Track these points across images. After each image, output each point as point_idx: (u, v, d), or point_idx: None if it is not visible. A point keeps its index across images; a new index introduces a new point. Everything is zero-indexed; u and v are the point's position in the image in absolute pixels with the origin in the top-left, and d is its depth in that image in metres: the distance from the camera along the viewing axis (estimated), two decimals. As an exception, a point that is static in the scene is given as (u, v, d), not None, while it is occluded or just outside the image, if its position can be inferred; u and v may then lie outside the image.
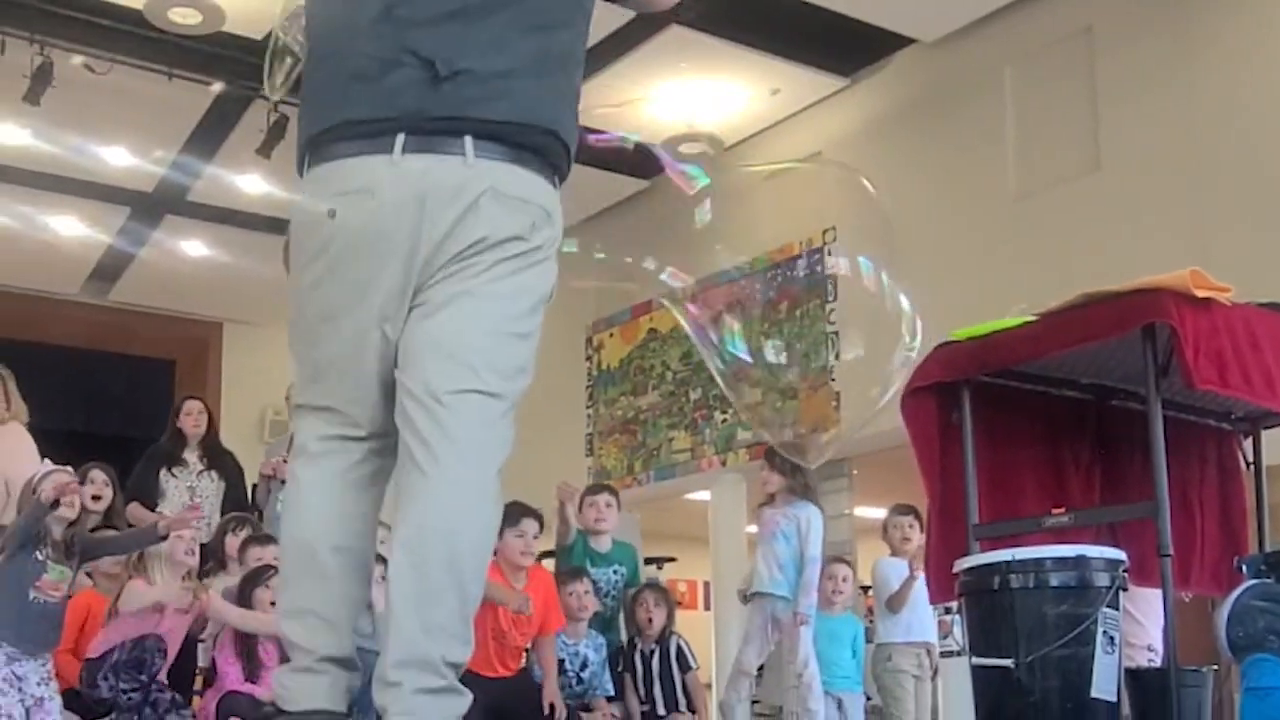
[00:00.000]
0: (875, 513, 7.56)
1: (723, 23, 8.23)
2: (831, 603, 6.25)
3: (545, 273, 2.52)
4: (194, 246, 10.65)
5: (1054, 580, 3.56)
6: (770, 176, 3.98)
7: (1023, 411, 4.41)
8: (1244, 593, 3.66)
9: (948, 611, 6.44)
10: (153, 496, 6.56)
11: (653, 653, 5.96)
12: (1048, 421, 4.48)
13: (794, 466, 5.80)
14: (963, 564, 3.83)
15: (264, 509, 6.66)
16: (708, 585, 12.13)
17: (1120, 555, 3.65)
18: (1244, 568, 3.84)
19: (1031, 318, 4.06)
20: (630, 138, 3.89)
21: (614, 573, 6.06)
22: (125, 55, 8.03)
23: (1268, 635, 3.57)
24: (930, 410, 4.24)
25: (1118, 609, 3.58)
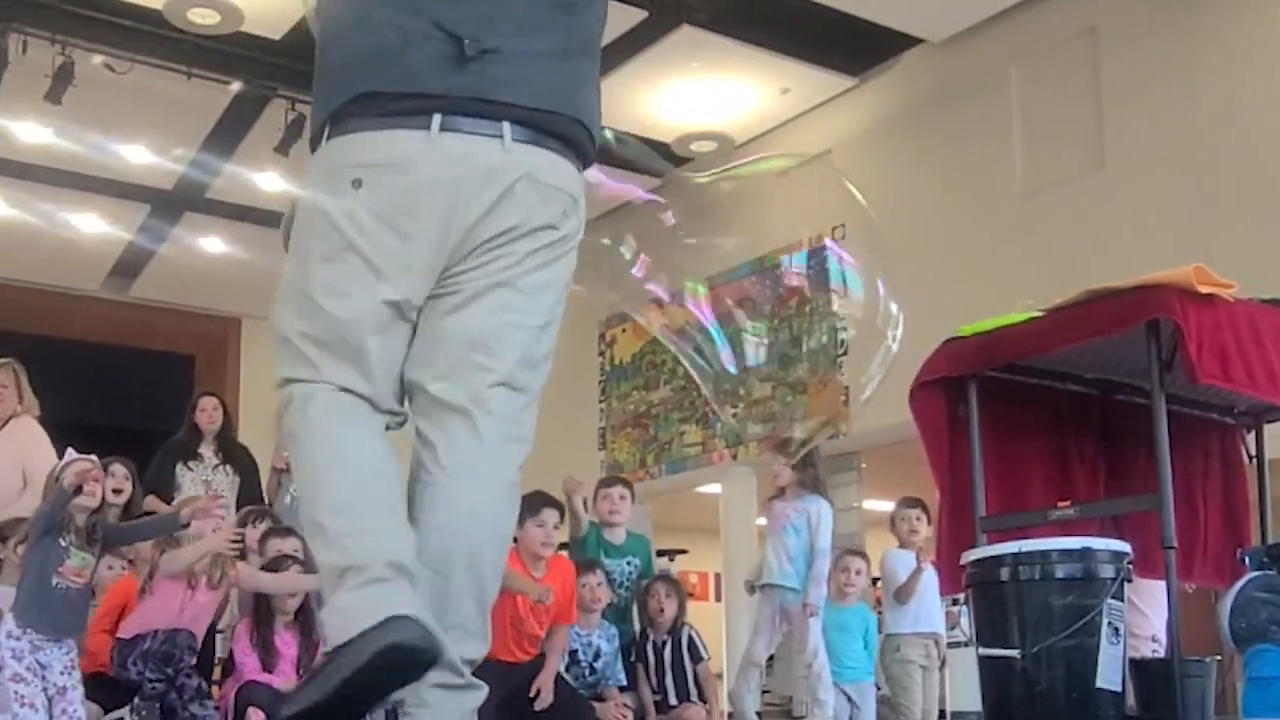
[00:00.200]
0: (883, 505, 7.61)
1: (733, 23, 8.30)
2: (844, 594, 6.27)
3: (570, 263, 2.47)
4: (213, 243, 10.74)
5: (1060, 572, 3.61)
6: (735, 179, 3.95)
7: (1029, 406, 4.46)
8: (1246, 584, 3.72)
9: (955, 602, 6.49)
10: (169, 490, 6.62)
11: (665, 643, 5.98)
12: (1053, 415, 4.53)
13: (805, 460, 5.84)
14: (970, 556, 3.88)
15: (274, 501, 6.74)
16: (718, 577, 12.19)
17: (1125, 547, 3.70)
18: (1246, 560, 3.91)
19: (1037, 313, 4.10)
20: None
21: (628, 564, 6.09)
22: (145, 55, 8.10)
23: (1270, 626, 3.65)
24: (939, 404, 4.30)
25: (1122, 600, 3.63)
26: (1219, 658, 4.12)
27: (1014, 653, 3.60)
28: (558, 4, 2.40)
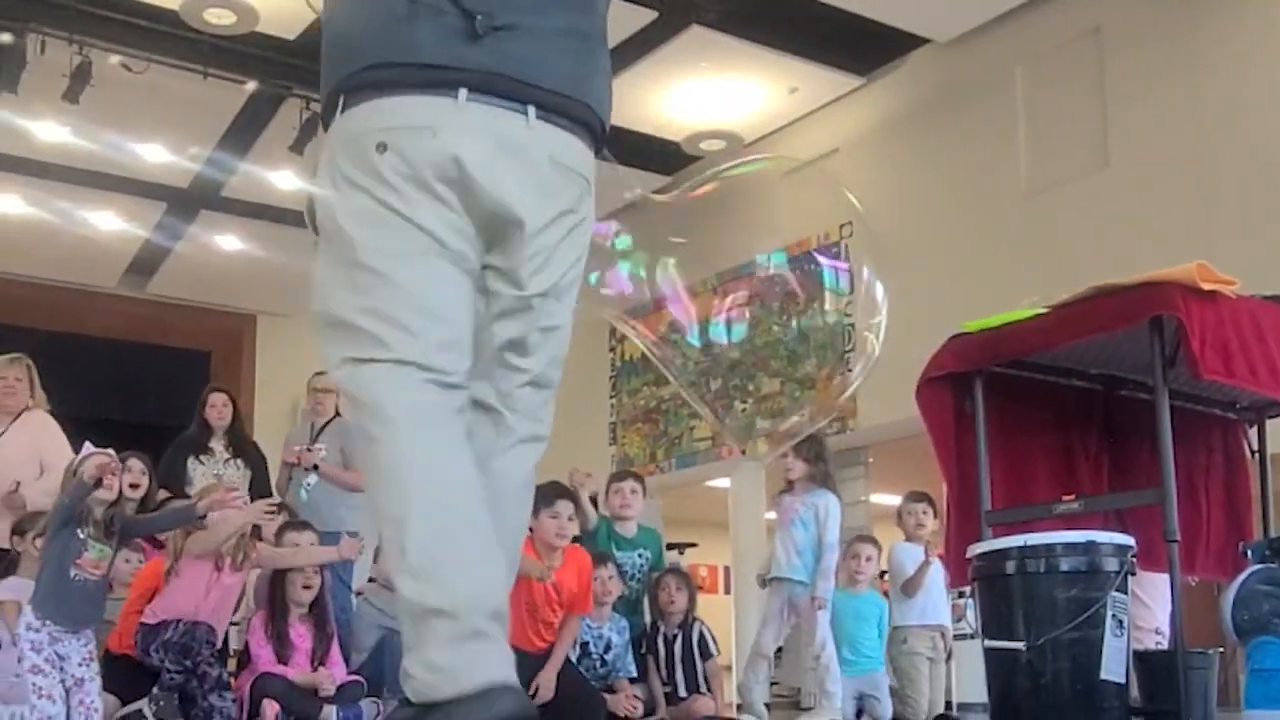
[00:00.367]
0: (891, 499, 7.64)
1: (742, 23, 8.36)
2: (855, 581, 6.31)
3: (586, 248, 2.45)
4: (228, 241, 10.81)
5: (1064, 565, 3.62)
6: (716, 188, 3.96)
7: (1034, 401, 4.47)
8: (1249, 577, 3.72)
9: (961, 595, 6.53)
10: (181, 484, 6.69)
11: (675, 637, 6.03)
12: (1058, 411, 4.55)
13: (817, 454, 5.90)
14: (976, 549, 3.90)
15: (285, 495, 6.82)
16: (728, 570, 12.21)
17: (1129, 541, 3.71)
18: (1249, 553, 3.90)
19: (1042, 310, 4.11)
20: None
21: (639, 556, 6.15)
22: (161, 55, 8.17)
23: (1272, 619, 3.65)
24: (945, 399, 4.31)
25: (1126, 593, 3.66)
26: (1221, 650, 4.15)
27: (1019, 645, 3.61)
28: None
